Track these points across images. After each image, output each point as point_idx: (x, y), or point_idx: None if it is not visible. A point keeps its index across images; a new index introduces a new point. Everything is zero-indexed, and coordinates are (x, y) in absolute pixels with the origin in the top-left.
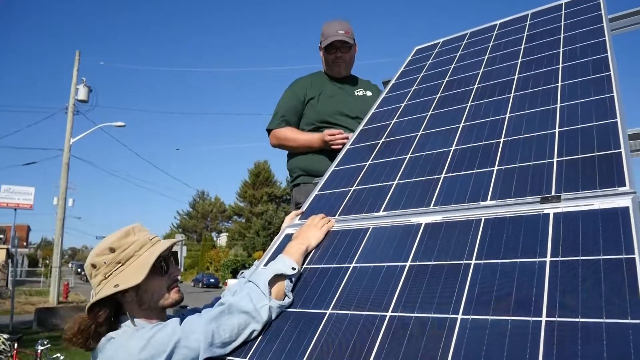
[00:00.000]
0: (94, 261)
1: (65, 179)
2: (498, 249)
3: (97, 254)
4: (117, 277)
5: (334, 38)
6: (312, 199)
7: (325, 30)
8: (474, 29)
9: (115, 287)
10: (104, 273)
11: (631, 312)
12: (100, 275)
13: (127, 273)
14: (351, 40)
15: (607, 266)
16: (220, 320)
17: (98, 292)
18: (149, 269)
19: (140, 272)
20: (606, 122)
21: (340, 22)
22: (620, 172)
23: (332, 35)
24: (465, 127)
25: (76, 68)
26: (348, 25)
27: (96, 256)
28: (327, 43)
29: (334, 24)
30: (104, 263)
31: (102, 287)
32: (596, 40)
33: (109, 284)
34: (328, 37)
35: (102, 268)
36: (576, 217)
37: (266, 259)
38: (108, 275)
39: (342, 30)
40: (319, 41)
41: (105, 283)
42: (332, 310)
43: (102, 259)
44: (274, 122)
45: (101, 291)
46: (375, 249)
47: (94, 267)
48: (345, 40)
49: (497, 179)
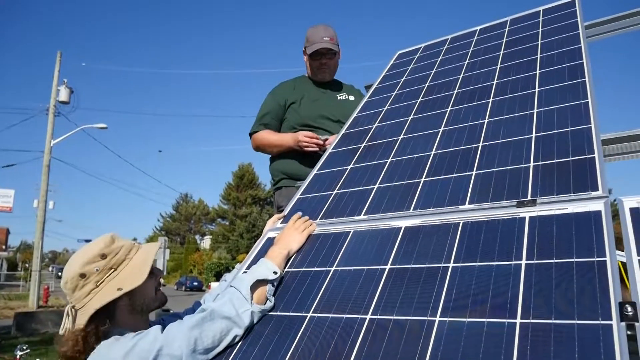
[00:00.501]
0: (84, 270)
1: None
2: (475, 252)
3: (87, 262)
4: (112, 282)
5: (320, 45)
6: (294, 203)
7: (311, 36)
8: (454, 34)
9: (119, 290)
10: (96, 281)
11: (602, 313)
12: (91, 284)
13: (123, 277)
14: (336, 47)
15: (579, 269)
16: (202, 326)
17: (87, 302)
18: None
19: (140, 273)
20: (581, 127)
21: (325, 27)
22: (594, 177)
23: (318, 42)
24: (445, 132)
25: (57, 69)
26: (333, 31)
27: (86, 265)
28: (313, 50)
29: (319, 30)
30: (95, 270)
31: (93, 296)
32: (572, 47)
33: (107, 290)
34: (314, 44)
35: (94, 276)
36: (551, 220)
37: (248, 262)
38: (100, 283)
39: (328, 37)
40: (303, 45)
41: (97, 292)
42: (312, 314)
43: (93, 266)
44: (254, 126)
45: (103, 297)
46: (356, 252)
47: (82, 277)
48: (331, 48)
49: (476, 183)
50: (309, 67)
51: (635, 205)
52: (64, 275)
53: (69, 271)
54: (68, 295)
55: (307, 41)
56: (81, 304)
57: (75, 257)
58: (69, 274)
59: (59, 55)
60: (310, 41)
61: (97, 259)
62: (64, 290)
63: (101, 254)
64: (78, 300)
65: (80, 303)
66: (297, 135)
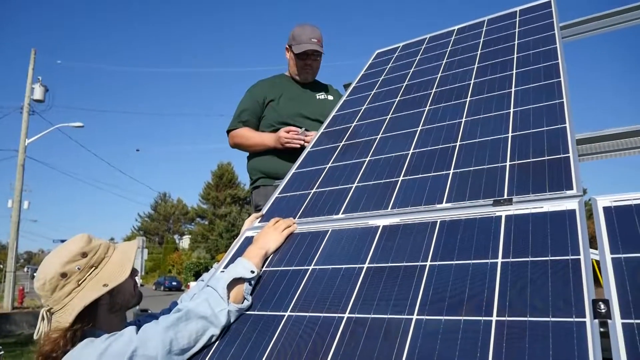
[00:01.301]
0: (65, 270)
1: (20, 181)
2: (452, 251)
3: (67, 261)
4: (94, 280)
5: (308, 47)
6: (272, 202)
7: (298, 35)
8: (432, 33)
9: (105, 287)
10: (77, 280)
11: (575, 311)
12: (72, 284)
13: (106, 274)
14: (322, 50)
15: (554, 267)
16: (178, 326)
17: (68, 302)
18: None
19: (122, 270)
20: (556, 127)
21: (313, 28)
22: (569, 176)
23: (305, 42)
24: (423, 131)
25: (31, 67)
26: (320, 32)
27: (66, 264)
28: (300, 50)
29: (306, 30)
30: (77, 269)
31: (75, 295)
32: (548, 47)
33: (91, 288)
34: (301, 44)
35: (75, 275)
36: (526, 219)
37: (226, 262)
38: (82, 282)
39: (315, 38)
40: (288, 42)
41: (79, 291)
42: (290, 312)
43: (74, 265)
44: (232, 123)
45: (88, 295)
46: (334, 251)
47: (64, 277)
48: (318, 50)
49: (453, 182)
50: (292, 64)
51: (609, 205)
52: (41, 277)
53: (47, 272)
54: (45, 298)
55: (294, 39)
56: (60, 305)
57: (53, 257)
58: (47, 274)
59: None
60: (297, 40)
61: (77, 257)
62: (40, 292)
63: (82, 253)
64: (57, 302)
65: (60, 304)
66: (279, 133)
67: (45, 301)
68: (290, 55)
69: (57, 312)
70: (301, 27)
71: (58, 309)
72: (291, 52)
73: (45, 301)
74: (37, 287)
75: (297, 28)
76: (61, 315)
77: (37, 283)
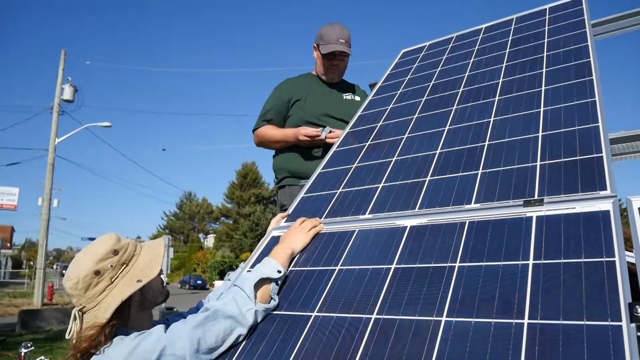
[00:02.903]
0: (98, 267)
1: (50, 180)
2: (482, 252)
3: (100, 259)
4: (127, 277)
5: (335, 48)
6: (298, 201)
7: (326, 34)
8: (459, 32)
9: (139, 282)
10: (111, 277)
11: (611, 314)
12: (105, 281)
13: (137, 271)
14: (350, 51)
15: (588, 269)
16: (205, 326)
17: (102, 300)
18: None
19: (152, 266)
20: (588, 126)
21: (342, 28)
22: (602, 176)
23: (334, 43)
24: (450, 131)
25: (61, 67)
26: (348, 32)
27: (99, 262)
28: (328, 51)
29: (335, 30)
30: (109, 267)
31: (108, 292)
32: (579, 45)
33: (124, 284)
34: (329, 44)
35: (108, 272)
36: (558, 220)
37: (252, 261)
38: (114, 279)
39: (343, 39)
40: (316, 41)
41: (112, 288)
42: (317, 313)
43: (107, 262)
44: (257, 122)
45: (123, 291)
46: (361, 251)
47: (97, 274)
48: (345, 51)
49: (482, 182)
50: (319, 64)
51: None
52: (73, 276)
53: (79, 271)
54: (77, 297)
55: (322, 39)
56: (94, 303)
57: (84, 255)
58: (80, 273)
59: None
60: (325, 40)
61: (109, 255)
62: (72, 292)
63: (113, 250)
64: (91, 300)
65: (94, 302)
66: (298, 132)
67: (78, 300)
68: (318, 55)
69: (91, 310)
70: (330, 26)
71: (92, 306)
72: (318, 52)
73: (77, 300)
74: (69, 287)
75: (326, 27)
76: (96, 313)
77: (70, 282)
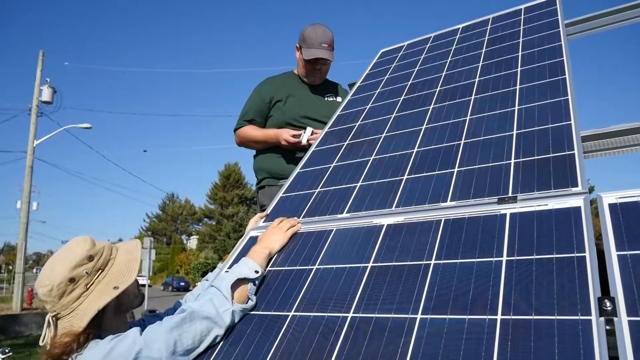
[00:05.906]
0: (73, 275)
1: (28, 182)
2: (457, 249)
3: (75, 265)
4: (102, 283)
5: (318, 54)
6: (277, 201)
7: (309, 38)
8: (437, 32)
9: (116, 289)
10: (86, 284)
11: (581, 309)
12: (80, 288)
13: (113, 277)
14: (332, 56)
15: (559, 264)
16: (182, 327)
17: (77, 307)
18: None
19: (129, 271)
20: (561, 124)
21: (325, 31)
22: (574, 173)
23: (316, 47)
24: (427, 129)
25: (40, 68)
26: (331, 35)
27: (74, 268)
28: (310, 57)
29: (318, 34)
30: (85, 273)
31: (84, 299)
32: (553, 45)
33: (101, 291)
34: (311, 48)
35: (83, 279)
36: (531, 217)
37: (230, 262)
38: (90, 285)
39: (326, 43)
40: (298, 42)
41: (87, 294)
42: (294, 312)
43: (82, 269)
44: (238, 122)
45: (100, 298)
46: (338, 250)
47: (72, 282)
48: (327, 58)
49: (457, 180)
50: (301, 65)
51: (614, 201)
52: (47, 283)
53: (53, 277)
54: (51, 304)
55: (304, 42)
56: (69, 310)
57: (58, 261)
58: (54, 280)
59: (41, 55)
60: (308, 43)
61: (84, 261)
62: (45, 298)
63: (88, 256)
64: (65, 307)
65: (68, 309)
66: (280, 135)
67: (52, 307)
68: (300, 57)
69: (65, 316)
70: (313, 28)
71: (66, 313)
72: (301, 53)
73: (51, 307)
74: (42, 293)
75: (309, 29)
76: (71, 321)
77: (43, 289)
